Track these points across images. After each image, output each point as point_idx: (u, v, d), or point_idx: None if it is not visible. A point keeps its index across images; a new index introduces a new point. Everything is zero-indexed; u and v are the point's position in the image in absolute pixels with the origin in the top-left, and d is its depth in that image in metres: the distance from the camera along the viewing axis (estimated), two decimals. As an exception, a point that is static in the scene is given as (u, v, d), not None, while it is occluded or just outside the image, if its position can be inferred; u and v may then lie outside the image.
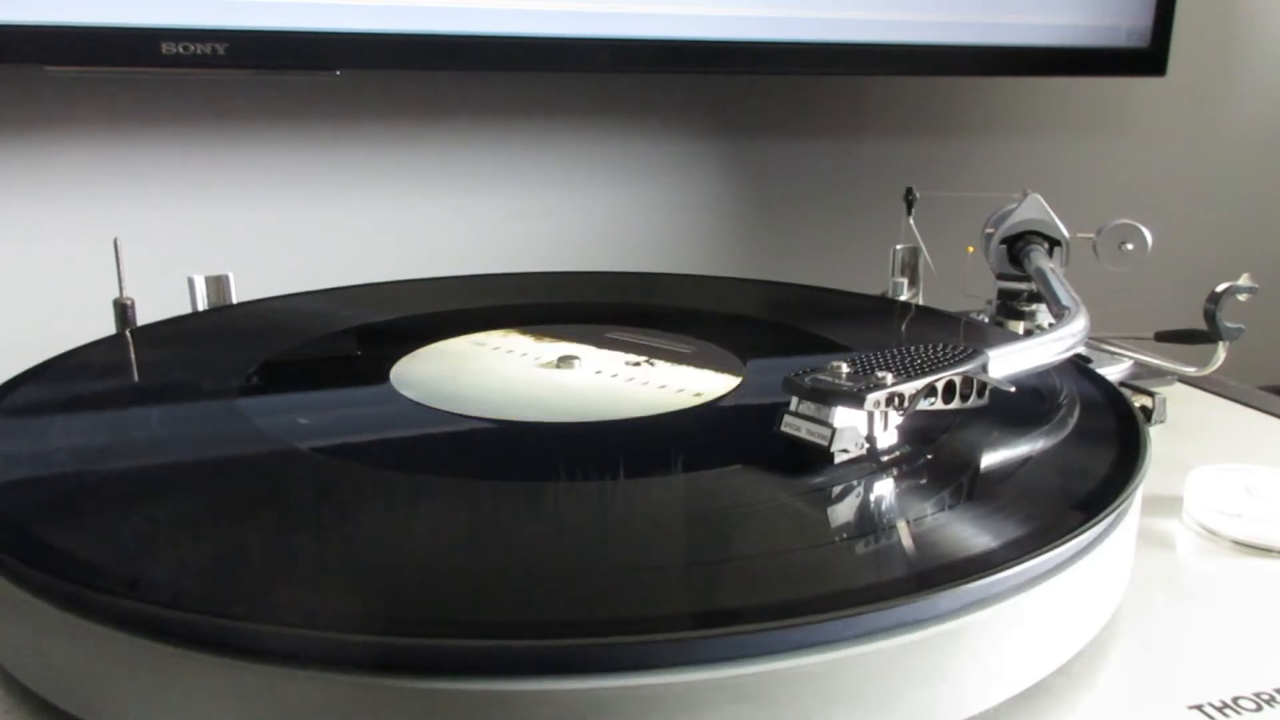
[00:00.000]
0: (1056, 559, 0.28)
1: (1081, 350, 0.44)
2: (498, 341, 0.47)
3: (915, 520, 0.29)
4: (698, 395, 0.40)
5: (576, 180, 0.78)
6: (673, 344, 0.47)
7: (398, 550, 0.28)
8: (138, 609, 0.25)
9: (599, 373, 0.43)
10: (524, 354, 0.45)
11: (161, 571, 0.27)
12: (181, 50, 0.57)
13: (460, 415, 0.38)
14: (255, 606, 0.25)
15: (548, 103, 0.76)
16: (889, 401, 0.32)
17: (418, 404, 0.39)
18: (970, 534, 0.28)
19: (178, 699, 0.24)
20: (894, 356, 0.35)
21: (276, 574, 0.27)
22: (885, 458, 0.33)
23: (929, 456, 0.34)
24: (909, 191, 0.60)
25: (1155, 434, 0.47)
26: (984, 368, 0.35)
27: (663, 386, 0.41)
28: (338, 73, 0.64)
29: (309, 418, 0.39)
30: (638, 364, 0.44)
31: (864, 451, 0.33)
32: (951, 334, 0.48)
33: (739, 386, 0.41)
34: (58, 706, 0.27)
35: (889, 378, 0.32)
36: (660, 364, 0.44)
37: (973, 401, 0.35)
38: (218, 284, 0.52)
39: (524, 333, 0.48)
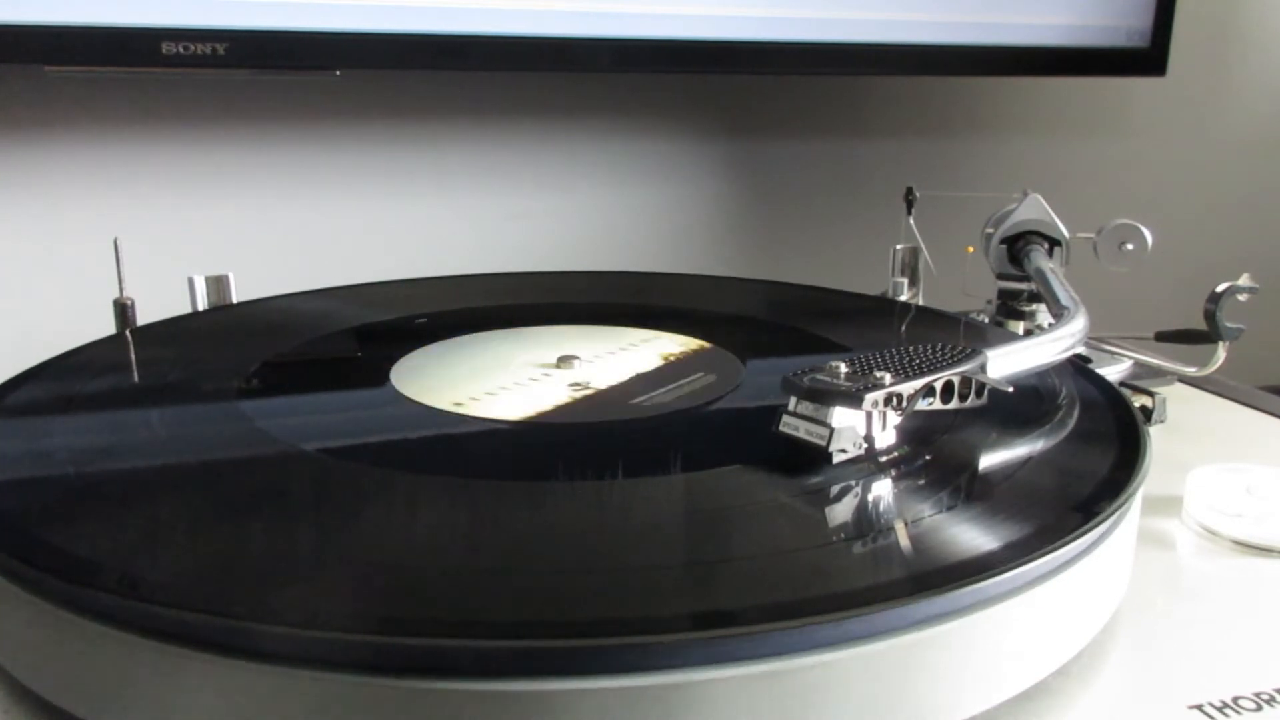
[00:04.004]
0: (1057, 560, 0.28)
1: (1081, 350, 0.44)
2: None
3: (914, 521, 0.29)
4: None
5: (576, 180, 0.78)
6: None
7: (398, 550, 0.28)
8: (138, 609, 0.25)
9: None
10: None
11: (161, 571, 0.27)
12: (181, 50, 0.57)
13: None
14: (255, 606, 0.25)
15: (548, 103, 0.76)
16: (887, 401, 0.32)
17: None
18: (970, 535, 0.28)
19: (178, 699, 0.24)
20: (892, 356, 0.35)
21: (276, 574, 0.27)
22: (884, 458, 0.33)
23: (928, 457, 0.34)
24: (909, 191, 0.60)
25: (1155, 434, 0.47)
26: (982, 368, 0.35)
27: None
28: (338, 73, 0.64)
29: (309, 413, 0.39)
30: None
31: (862, 452, 0.33)
32: (951, 334, 0.48)
33: (739, 386, 0.41)
34: (58, 706, 0.27)
35: (887, 378, 0.32)
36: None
37: (971, 402, 0.35)
38: (218, 284, 0.52)
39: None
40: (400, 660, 0.23)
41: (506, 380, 0.42)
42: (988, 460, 0.34)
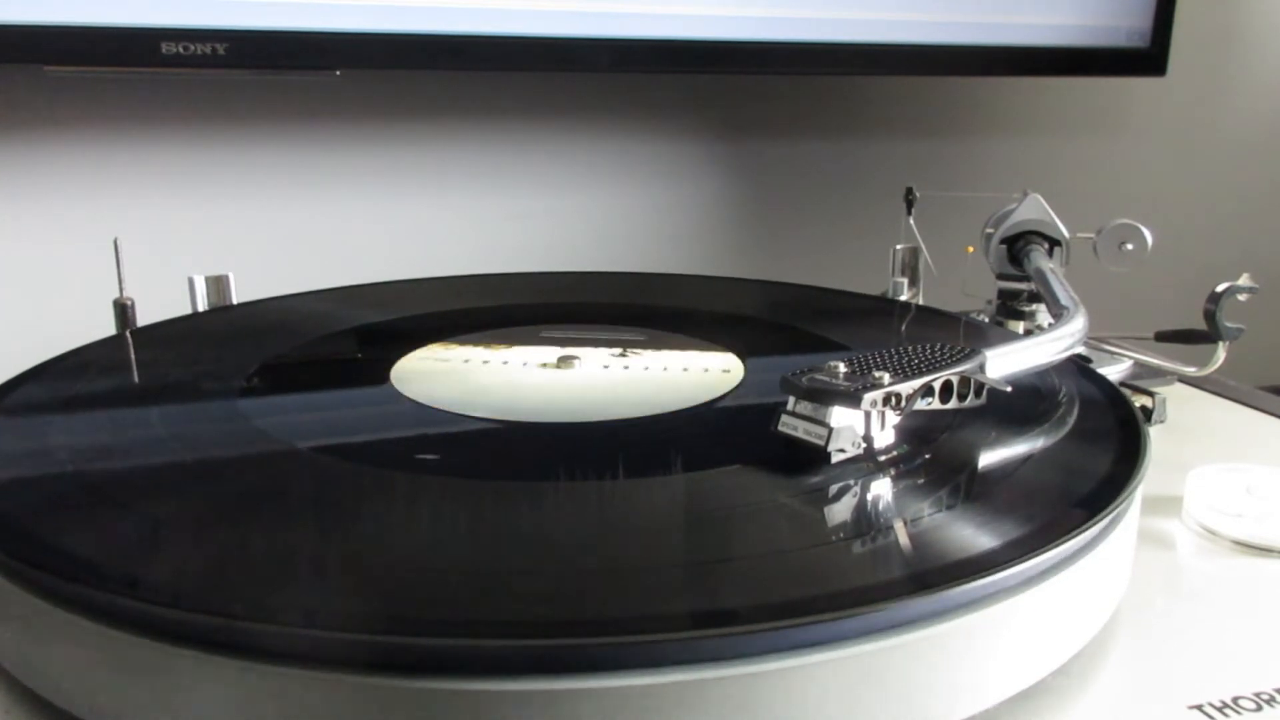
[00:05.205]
0: (1056, 559, 0.28)
1: (1081, 350, 0.44)
2: (497, 341, 0.47)
3: (914, 520, 0.29)
4: (697, 395, 0.40)
5: (576, 180, 0.78)
6: (672, 344, 0.47)
7: (398, 550, 0.28)
8: (138, 609, 0.25)
9: (599, 373, 0.43)
10: (524, 354, 0.45)
11: (161, 571, 0.27)
12: (181, 50, 0.57)
13: (460, 415, 0.38)
14: (255, 606, 0.25)
15: (548, 103, 0.76)
16: (886, 401, 0.32)
17: (417, 404, 0.39)
18: (969, 534, 0.28)
19: (178, 699, 0.24)
20: (891, 356, 0.35)
21: (276, 574, 0.27)
22: (883, 457, 0.33)
23: (927, 456, 0.34)
24: (909, 191, 0.60)
25: (1155, 434, 0.47)
26: (981, 368, 0.35)
27: (662, 386, 0.41)
28: (338, 73, 0.64)
29: (310, 413, 0.39)
30: (637, 364, 0.44)
31: (861, 451, 0.33)
32: (951, 334, 0.48)
33: (738, 386, 0.41)
34: (58, 706, 0.27)
35: (886, 377, 0.33)
36: (660, 364, 0.44)
37: (970, 401, 0.35)
38: (218, 284, 0.52)
39: (524, 333, 0.48)
40: (400, 659, 0.23)
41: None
42: (987, 459, 0.34)
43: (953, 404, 0.34)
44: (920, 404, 0.33)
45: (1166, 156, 0.95)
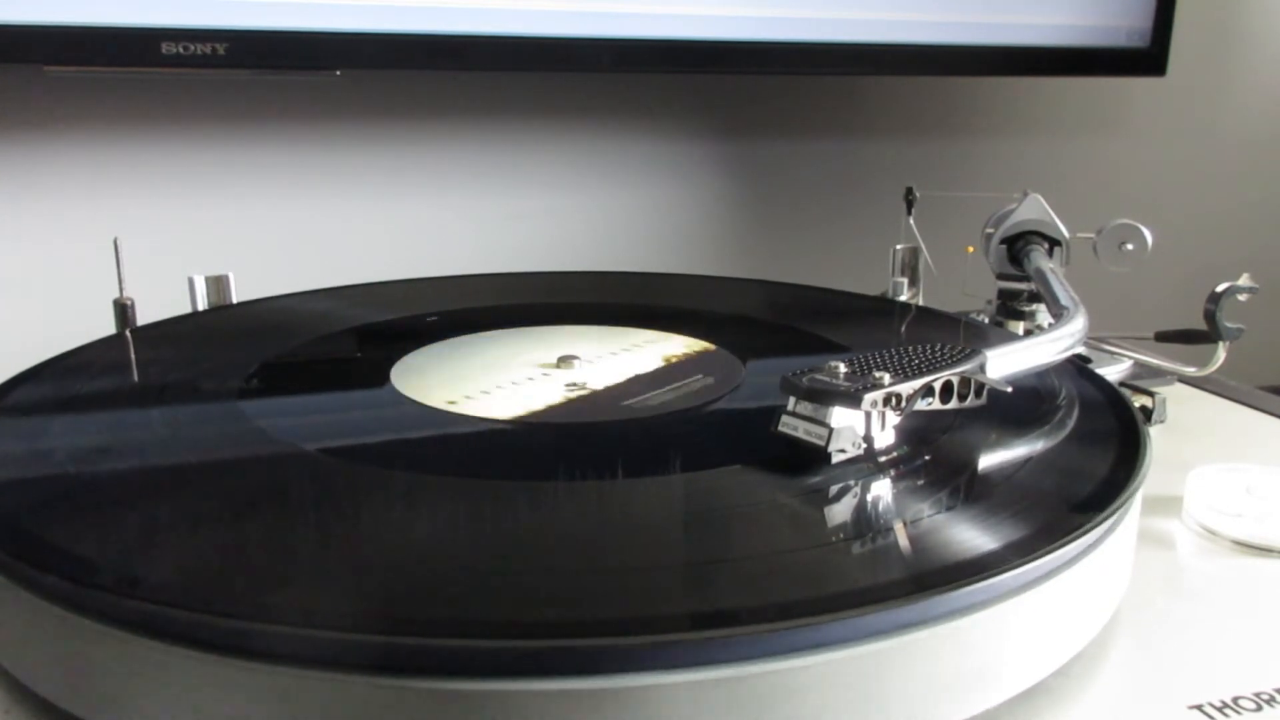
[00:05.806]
0: (1057, 560, 0.28)
1: (1081, 350, 0.44)
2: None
3: (914, 521, 0.29)
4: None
5: (576, 180, 0.78)
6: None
7: (398, 550, 0.28)
8: (137, 608, 0.25)
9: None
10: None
11: (161, 571, 0.27)
12: (181, 50, 0.57)
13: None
14: (255, 606, 0.25)
15: (548, 103, 0.76)
16: (886, 401, 0.32)
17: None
18: (970, 535, 0.28)
19: (178, 699, 0.24)
20: (892, 356, 0.35)
21: (276, 574, 0.27)
22: (883, 458, 0.33)
23: (927, 457, 0.34)
24: (909, 191, 0.60)
25: (1155, 434, 0.47)
26: (982, 368, 0.35)
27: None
28: (338, 73, 0.64)
29: (310, 414, 0.39)
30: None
31: (861, 452, 0.33)
32: (951, 334, 0.48)
33: (738, 387, 0.41)
34: (58, 706, 0.27)
35: (886, 378, 0.32)
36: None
37: (971, 402, 0.35)
38: (218, 284, 0.52)
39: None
40: (399, 660, 0.23)
41: (506, 380, 0.42)
42: (987, 460, 0.34)
43: (953, 404, 0.34)
44: (920, 404, 0.33)
45: (1166, 156, 0.95)
